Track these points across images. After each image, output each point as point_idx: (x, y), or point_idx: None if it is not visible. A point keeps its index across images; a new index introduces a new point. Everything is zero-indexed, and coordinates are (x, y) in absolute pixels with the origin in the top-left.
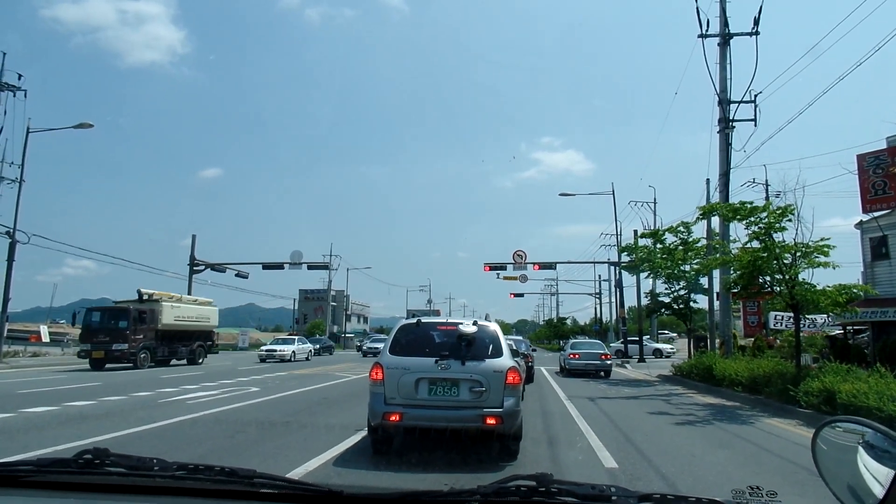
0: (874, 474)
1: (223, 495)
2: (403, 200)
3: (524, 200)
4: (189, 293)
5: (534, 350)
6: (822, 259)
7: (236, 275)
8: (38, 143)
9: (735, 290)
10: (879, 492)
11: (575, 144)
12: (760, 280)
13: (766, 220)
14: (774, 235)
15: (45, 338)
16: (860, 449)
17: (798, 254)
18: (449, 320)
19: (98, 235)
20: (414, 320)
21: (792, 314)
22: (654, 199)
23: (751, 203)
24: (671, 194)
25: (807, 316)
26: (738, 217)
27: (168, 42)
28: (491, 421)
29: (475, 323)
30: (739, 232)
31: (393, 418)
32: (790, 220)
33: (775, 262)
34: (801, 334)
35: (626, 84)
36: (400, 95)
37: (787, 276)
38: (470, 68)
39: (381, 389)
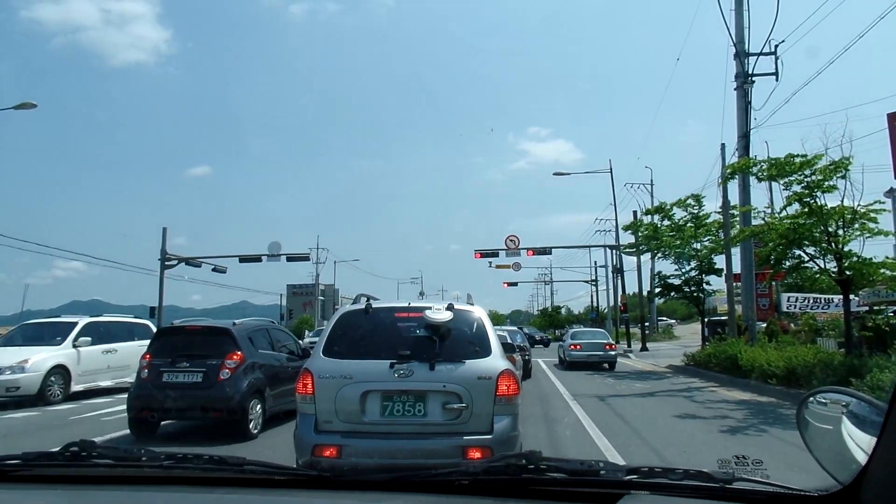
0: (857, 442)
1: (213, 483)
2: (394, 194)
3: (515, 192)
4: (161, 289)
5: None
6: (873, 226)
7: (213, 269)
8: (32, 142)
9: (765, 267)
10: (862, 458)
11: (563, 134)
12: (799, 253)
13: (813, 177)
14: (819, 197)
15: None
16: (844, 418)
17: (842, 220)
18: (412, 305)
19: (85, 235)
20: (361, 305)
21: (809, 295)
22: (651, 181)
23: (802, 156)
24: (666, 183)
25: (822, 297)
26: (786, 172)
27: (153, 42)
28: (475, 454)
29: (450, 307)
30: (763, 201)
31: (328, 453)
32: (843, 177)
33: (821, 229)
34: (820, 317)
35: (615, 68)
36: (389, 89)
37: (836, 247)
38: (456, 59)
39: (311, 409)
